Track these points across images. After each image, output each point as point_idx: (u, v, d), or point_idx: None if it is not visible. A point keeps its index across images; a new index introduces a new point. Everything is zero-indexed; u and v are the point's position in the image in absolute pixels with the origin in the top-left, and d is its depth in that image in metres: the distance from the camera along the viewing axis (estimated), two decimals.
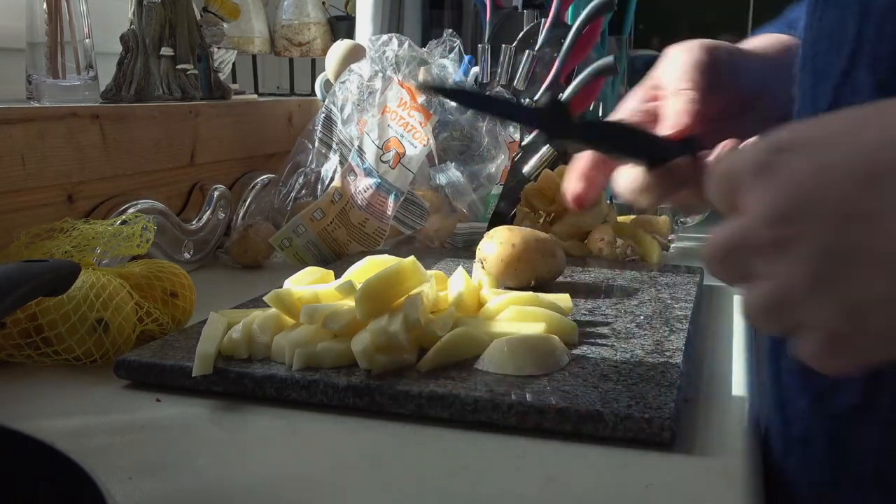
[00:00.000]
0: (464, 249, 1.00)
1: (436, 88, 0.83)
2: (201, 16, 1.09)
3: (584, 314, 0.70)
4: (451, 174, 1.02)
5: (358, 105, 1.00)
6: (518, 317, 0.63)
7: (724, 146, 0.52)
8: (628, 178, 0.51)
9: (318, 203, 0.95)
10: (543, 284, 0.77)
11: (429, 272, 0.63)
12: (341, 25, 1.50)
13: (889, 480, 0.48)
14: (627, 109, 0.57)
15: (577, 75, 1.05)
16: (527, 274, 0.76)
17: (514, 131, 1.05)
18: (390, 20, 1.52)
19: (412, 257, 0.61)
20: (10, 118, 0.76)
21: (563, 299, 0.69)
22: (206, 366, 0.55)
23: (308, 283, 0.65)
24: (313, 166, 1.01)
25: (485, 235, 0.79)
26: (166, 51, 1.00)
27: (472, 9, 1.59)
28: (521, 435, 0.50)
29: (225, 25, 1.15)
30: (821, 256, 0.32)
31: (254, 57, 1.48)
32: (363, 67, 1.01)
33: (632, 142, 0.51)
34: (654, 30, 2.44)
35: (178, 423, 0.52)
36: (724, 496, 0.44)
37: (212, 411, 0.54)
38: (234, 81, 1.39)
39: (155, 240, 0.79)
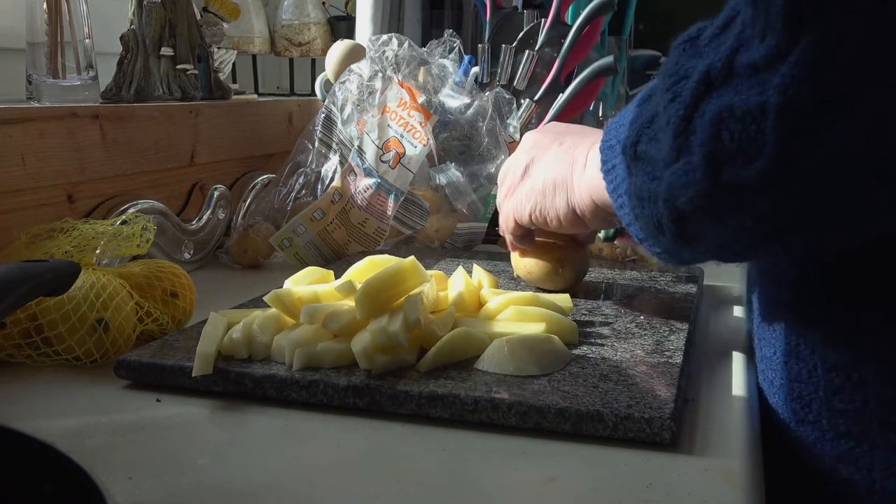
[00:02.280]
0: (464, 249, 1.00)
1: None
2: (201, 16, 1.09)
3: (584, 314, 0.70)
4: (451, 174, 1.02)
5: (358, 105, 1.00)
6: (518, 317, 0.63)
7: None
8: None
9: (318, 203, 0.95)
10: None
11: (429, 272, 0.62)
12: (341, 25, 1.50)
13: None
14: None
15: (577, 75, 1.05)
16: (566, 278, 0.76)
17: (514, 131, 1.05)
18: (390, 20, 1.52)
19: (412, 257, 0.61)
20: (10, 118, 0.76)
21: (563, 299, 0.69)
22: (206, 366, 0.55)
23: (308, 283, 0.65)
24: (313, 166, 1.01)
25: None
26: (166, 51, 1.01)
27: (472, 9, 1.59)
28: (521, 435, 0.50)
29: (225, 25, 1.15)
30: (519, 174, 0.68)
31: (254, 57, 1.48)
32: (363, 67, 1.01)
33: None
34: (654, 30, 2.43)
35: (178, 423, 0.52)
36: (724, 496, 0.44)
37: (212, 411, 0.54)
38: (234, 81, 1.39)
39: (155, 240, 0.79)
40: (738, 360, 0.65)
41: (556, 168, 0.63)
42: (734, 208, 0.40)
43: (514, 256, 0.77)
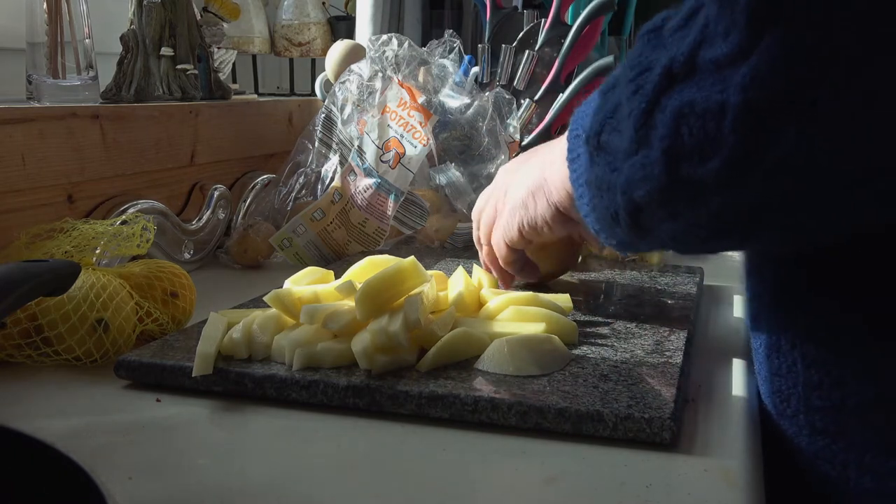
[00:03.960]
0: (464, 249, 1.00)
1: None
2: (201, 16, 1.09)
3: (584, 314, 0.70)
4: (451, 174, 1.02)
5: (358, 105, 1.00)
6: (518, 317, 0.63)
7: None
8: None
9: (318, 203, 0.95)
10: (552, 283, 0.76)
11: (429, 272, 0.62)
12: (341, 25, 1.50)
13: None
14: None
15: (577, 75, 1.05)
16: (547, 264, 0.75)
17: (513, 131, 1.05)
18: (390, 20, 1.52)
19: (412, 257, 0.61)
20: (10, 118, 0.76)
21: (563, 299, 0.69)
22: (206, 366, 0.55)
23: (308, 283, 0.65)
24: (313, 166, 1.01)
25: None
26: (166, 51, 1.01)
27: (472, 9, 1.59)
28: (521, 435, 0.50)
29: (225, 25, 1.15)
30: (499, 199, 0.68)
31: (254, 57, 1.48)
32: (363, 67, 1.01)
33: None
34: None
35: (178, 423, 0.52)
36: (724, 496, 0.44)
37: (212, 411, 0.54)
38: (234, 81, 1.39)
39: (155, 240, 0.79)
40: (737, 360, 0.65)
41: (528, 179, 0.63)
42: (689, 204, 0.40)
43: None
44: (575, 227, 0.63)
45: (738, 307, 0.80)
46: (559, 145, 0.59)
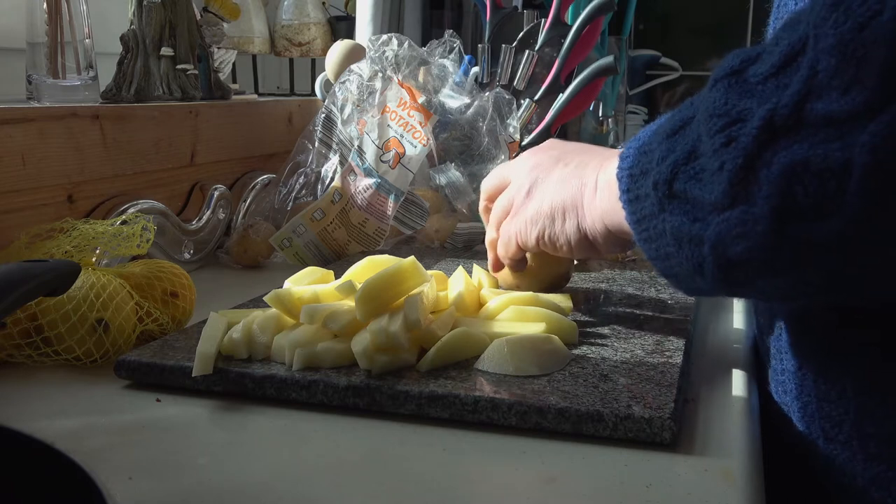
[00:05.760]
0: (464, 249, 1.00)
1: None
2: (201, 16, 1.09)
3: (584, 314, 0.70)
4: (451, 174, 1.02)
5: (358, 105, 1.00)
6: (518, 317, 0.63)
7: None
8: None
9: (318, 203, 0.95)
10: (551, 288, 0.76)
11: (429, 272, 0.62)
12: (341, 25, 1.50)
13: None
14: None
15: (577, 75, 1.05)
16: (538, 279, 0.74)
17: (513, 131, 1.05)
18: (390, 20, 1.52)
19: (412, 257, 0.61)
20: (10, 118, 0.76)
21: (563, 299, 0.69)
22: (206, 366, 0.55)
23: (308, 283, 0.65)
24: (313, 166, 1.01)
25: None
26: (166, 51, 1.01)
27: (472, 9, 1.60)
28: (521, 435, 0.50)
29: (225, 25, 1.15)
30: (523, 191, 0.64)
31: (254, 57, 1.48)
32: (363, 67, 1.01)
33: None
34: (654, 30, 2.44)
35: (178, 423, 0.52)
36: (724, 496, 0.44)
37: (212, 411, 0.54)
38: (234, 81, 1.39)
39: (155, 240, 0.79)
40: (738, 360, 0.65)
41: (563, 191, 0.59)
42: (798, 263, 0.39)
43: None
44: (595, 252, 0.60)
45: (738, 308, 0.80)
46: (603, 169, 0.56)
